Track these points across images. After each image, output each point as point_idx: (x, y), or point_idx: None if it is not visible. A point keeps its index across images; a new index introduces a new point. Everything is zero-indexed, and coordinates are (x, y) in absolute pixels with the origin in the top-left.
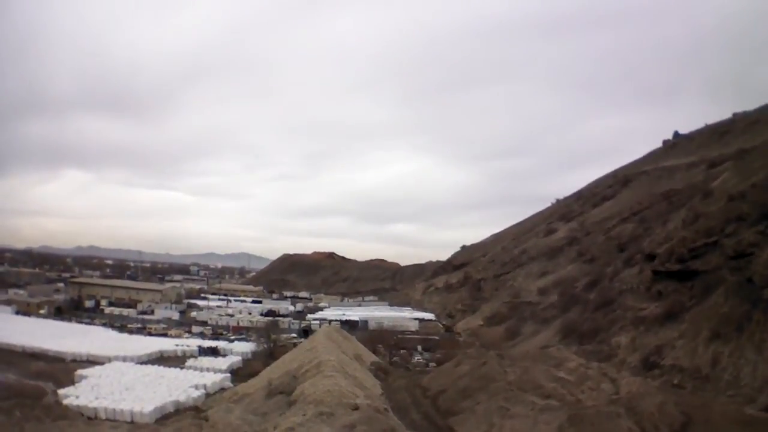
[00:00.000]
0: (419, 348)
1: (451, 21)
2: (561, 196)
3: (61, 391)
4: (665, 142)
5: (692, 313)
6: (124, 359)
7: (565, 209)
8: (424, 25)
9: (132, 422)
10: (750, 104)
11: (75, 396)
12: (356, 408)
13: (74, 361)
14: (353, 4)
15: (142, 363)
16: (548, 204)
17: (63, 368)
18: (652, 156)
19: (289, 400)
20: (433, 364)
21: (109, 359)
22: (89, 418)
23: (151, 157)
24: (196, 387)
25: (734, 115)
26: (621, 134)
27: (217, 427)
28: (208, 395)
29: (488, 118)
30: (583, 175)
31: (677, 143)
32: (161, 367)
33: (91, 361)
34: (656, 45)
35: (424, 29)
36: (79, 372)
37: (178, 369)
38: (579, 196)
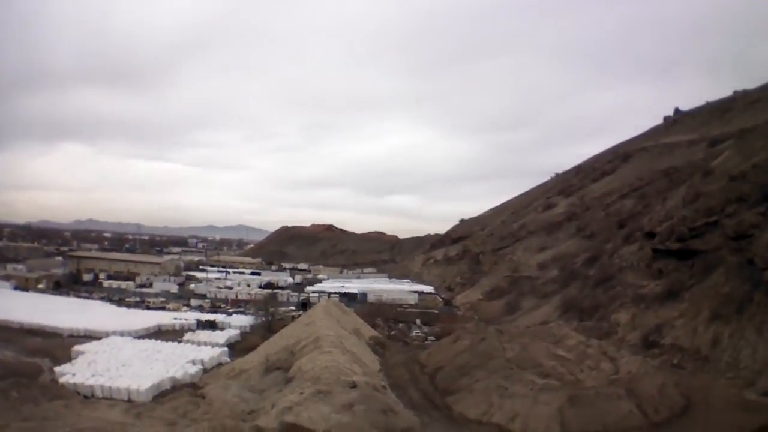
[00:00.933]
0: (418, 321)
1: None
2: (560, 170)
3: (57, 369)
4: (666, 118)
5: (692, 293)
6: (122, 334)
7: (565, 184)
8: None
9: (129, 400)
10: (750, 82)
11: (71, 374)
12: (354, 386)
13: (71, 336)
14: None
15: (139, 337)
16: (547, 178)
17: (60, 344)
18: (652, 132)
19: (286, 376)
20: (432, 338)
21: (107, 334)
22: (85, 397)
23: (149, 129)
24: (193, 362)
25: (735, 93)
26: (621, 108)
27: (213, 405)
28: (205, 371)
29: (489, 91)
30: (583, 149)
31: (678, 120)
32: (158, 342)
33: (89, 336)
34: (658, 20)
35: (426, 2)
36: (76, 348)
37: (175, 343)
38: (578, 170)
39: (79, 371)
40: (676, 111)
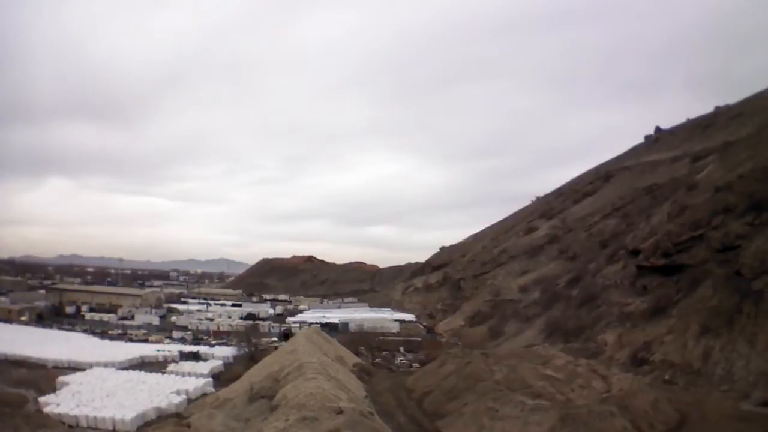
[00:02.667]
0: (401, 349)
1: (431, 20)
2: (542, 194)
3: (42, 399)
4: (647, 137)
5: (680, 308)
6: (105, 365)
7: (546, 207)
8: (404, 25)
9: (113, 430)
10: (732, 98)
11: (56, 404)
12: (340, 412)
13: (56, 367)
14: (331, 6)
15: (123, 369)
16: (528, 202)
17: (45, 375)
18: (633, 152)
19: (271, 404)
20: (417, 365)
21: (91, 365)
22: (70, 427)
23: (132, 163)
24: (178, 392)
25: (716, 108)
26: (602, 131)
27: None
28: (189, 401)
29: (468, 118)
30: (564, 173)
31: (659, 138)
32: (142, 373)
33: (73, 368)
34: (637, 40)
35: (404, 29)
36: (61, 379)
37: (159, 374)
38: (559, 193)
39: (63, 401)
40: (657, 129)
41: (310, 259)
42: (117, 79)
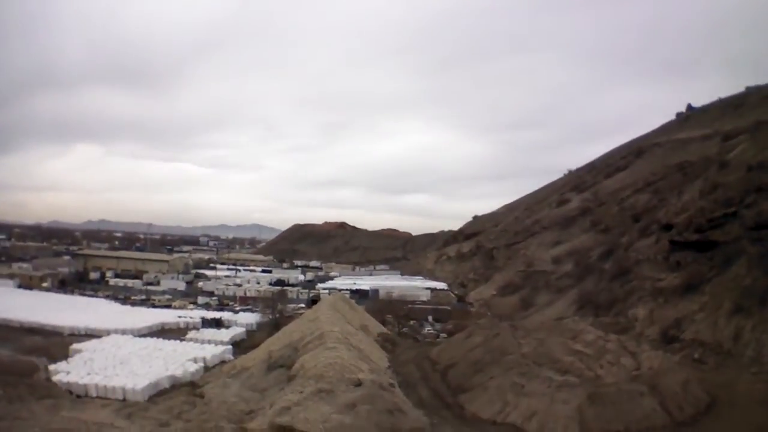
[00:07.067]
0: (430, 318)
1: None
2: (574, 168)
3: (51, 367)
4: (678, 114)
5: (712, 285)
6: (123, 332)
7: (578, 180)
8: None
9: (123, 399)
10: (764, 79)
11: (66, 372)
12: (359, 384)
13: (72, 335)
14: None
15: (141, 336)
16: (561, 175)
17: (59, 342)
18: (665, 128)
19: (289, 374)
20: (444, 335)
21: (108, 332)
22: (78, 396)
23: (163, 129)
24: (195, 360)
25: (747, 88)
26: (636, 107)
27: (211, 404)
28: (206, 369)
29: (504, 90)
30: (598, 148)
31: (690, 116)
32: (160, 340)
33: (90, 335)
34: (674, 19)
35: (444, 2)
36: (74, 346)
37: (177, 341)
38: (592, 167)
39: (74, 370)
40: (689, 107)
41: (342, 226)
42: (149, 45)
